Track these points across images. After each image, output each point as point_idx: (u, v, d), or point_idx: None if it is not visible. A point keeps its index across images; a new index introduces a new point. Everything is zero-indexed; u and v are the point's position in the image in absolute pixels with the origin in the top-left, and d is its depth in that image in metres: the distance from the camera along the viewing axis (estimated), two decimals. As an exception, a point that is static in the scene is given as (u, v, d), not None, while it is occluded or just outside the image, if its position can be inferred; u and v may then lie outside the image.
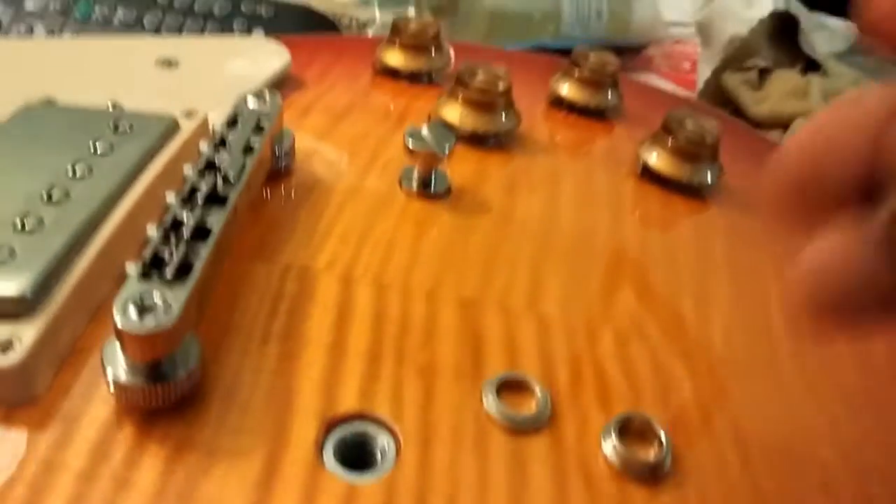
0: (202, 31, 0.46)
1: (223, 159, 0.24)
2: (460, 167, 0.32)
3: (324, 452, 0.20)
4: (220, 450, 0.19)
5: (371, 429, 0.20)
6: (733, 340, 0.26)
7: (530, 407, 0.22)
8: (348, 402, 0.21)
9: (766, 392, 0.24)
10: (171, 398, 0.19)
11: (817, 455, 0.22)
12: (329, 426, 0.20)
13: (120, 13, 0.46)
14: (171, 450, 0.19)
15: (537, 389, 0.22)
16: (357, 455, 0.20)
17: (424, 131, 0.29)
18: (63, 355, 0.20)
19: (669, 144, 0.33)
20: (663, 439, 0.21)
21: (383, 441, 0.20)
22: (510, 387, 0.22)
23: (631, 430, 0.21)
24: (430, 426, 0.21)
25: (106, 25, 0.45)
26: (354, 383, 0.21)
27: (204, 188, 0.23)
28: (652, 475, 0.21)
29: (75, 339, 0.21)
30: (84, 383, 0.20)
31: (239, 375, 0.21)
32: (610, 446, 0.21)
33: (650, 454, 0.21)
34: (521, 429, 0.21)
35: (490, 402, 0.21)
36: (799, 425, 0.23)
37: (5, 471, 0.18)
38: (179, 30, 0.46)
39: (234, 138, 0.26)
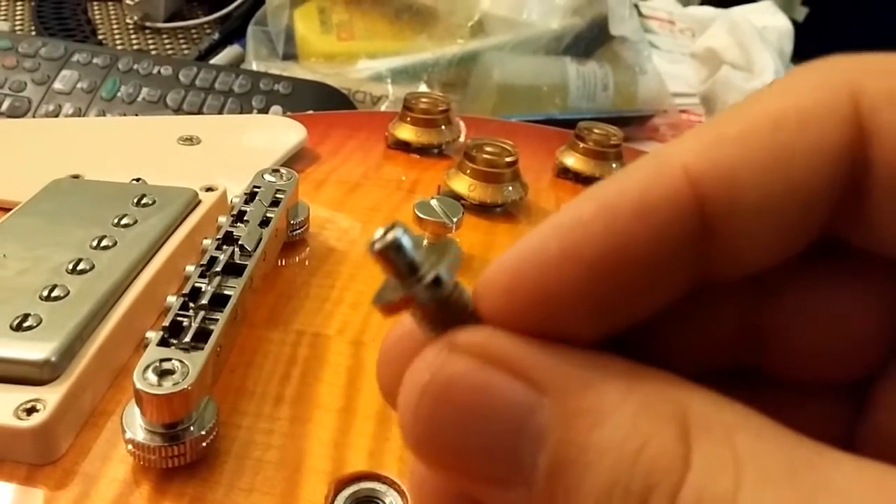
0: (222, 107, 0.48)
1: (241, 232, 0.26)
2: (469, 235, 0.33)
3: (333, 511, 0.20)
4: (233, 508, 0.20)
5: (379, 487, 0.21)
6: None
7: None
8: (357, 462, 0.22)
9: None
10: (186, 459, 0.20)
11: None
12: (338, 485, 0.21)
13: (144, 91, 0.48)
14: (186, 508, 0.19)
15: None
16: (366, 514, 0.21)
17: (433, 202, 0.31)
18: (84, 417, 0.21)
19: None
20: None
21: (391, 500, 0.21)
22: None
23: None
24: (437, 486, 0.21)
25: (131, 104, 0.47)
26: (363, 444, 0.22)
27: (222, 259, 0.24)
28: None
29: (96, 402, 0.22)
30: (103, 444, 0.21)
31: (252, 437, 0.22)
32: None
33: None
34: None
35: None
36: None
37: (27, 529, 0.18)
38: (201, 106, 0.48)
39: (252, 212, 0.27)
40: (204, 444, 0.20)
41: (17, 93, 0.47)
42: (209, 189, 0.30)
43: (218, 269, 0.23)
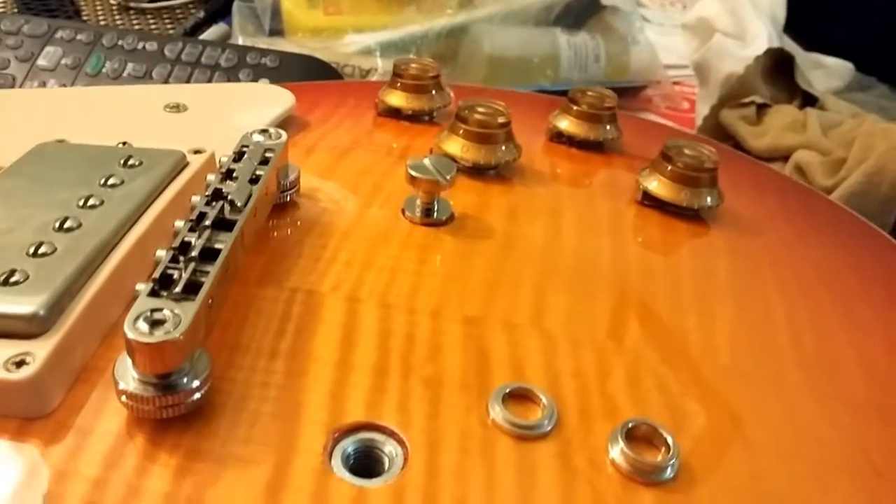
0: (209, 81, 0.48)
1: (230, 188, 0.25)
2: (462, 197, 0.33)
3: (332, 460, 0.20)
4: (230, 458, 0.19)
5: (378, 438, 0.21)
6: (739, 352, 0.26)
7: (536, 415, 0.22)
8: (355, 412, 0.21)
9: (774, 401, 0.24)
10: (181, 409, 0.19)
11: (821, 457, 0.22)
12: (336, 436, 0.20)
13: (130, 67, 0.47)
14: (182, 458, 0.19)
15: (543, 398, 0.22)
16: (365, 463, 0.20)
17: (426, 161, 0.30)
18: (75, 373, 0.21)
19: (669, 171, 0.34)
20: (671, 444, 0.21)
21: (391, 449, 0.20)
22: (516, 397, 0.22)
23: (638, 436, 0.22)
24: (438, 434, 0.21)
25: (116, 79, 0.47)
26: (361, 395, 0.22)
27: (212, 214, 0.24)
28: (661, 479, 0.21)
29: (87, 358, 0.21)
30: (96, 399, 0.20)
31: (247, 390, 0.21)
32: (618, 451, 0.21)
33: (658, 458, 0.21)
34: (528, 436, 0.21)
35: (497, 411, 0.22)
36: (805, 429, 0.23)
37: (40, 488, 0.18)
38: (187, 81, 0.47)
39: (241, 169, 0.26)
40: (198, 394, 0.20)
41: (0, 70, 0.47)
42: (197, 151, 0.29)
43: (207, 223, 0.23)
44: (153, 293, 0.20)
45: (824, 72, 0.73)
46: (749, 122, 0.57)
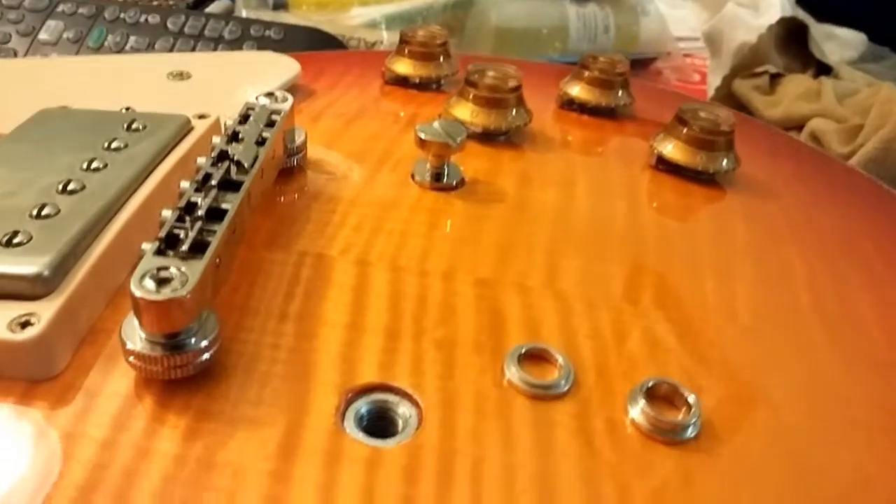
0: (214, 54, 0.47)
1: (236, 149, 0.24)
2: (472, 162, 0.32)
3: (345, 421, 0.19)
4: (240, 419, 0.19)
5: (392, 399, 0.20)
6: (760, 314, 0.26)
7: (553, 376, 0.21)
8: (368, 374, 0.21)
9: (797, 361, 0.24)
10: (189, 370, 0.19)
11: (848, 415, 0.22)
12: (349, 397, 0.20)
13: (132, 40, 0.47)
14: (191, 419, 0.19)
15: (560, 359, 0.22)
16: (378, 425, 0.20)
17: (436, 124, 0.29)
18: (81, 335, 0.20)
19: (684, 134, 0.33)
20: (692, 403, 0.21)
21: (404, 410, 0.20)
22: (532, 357, 0.22)
23: (658, 395, 0.21)
24: (452, 395, 0.20)
25: (118, 53, 0.46)
26: (373, 357, 0.21)
27: (217, 175, 0.23)
28: (682, 438, 0.20)
29: (94, 320, 0.21)
30: (104, 361, 0.20)
31: (258, 352, 0.21)
32: (638, 410, 0.20)
33: (679, 417, 0.20)
34: (544, 395, 0.21)
35: (512, 372, 0.21)
36: (829, 387, 0.23)
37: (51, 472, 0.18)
38: (191, 53, 0.47)
39: (247, 130, 0.26)
40: (207, 355, 0.19)
41: (1, 44, 0.46)
42: (202, 117, 0.29)
43: (213, 183, 0.22)
44: (159, 252, 0.20)
45: (837, 43, 0.72)
46: (762, 92, 0.56)
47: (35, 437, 0.18)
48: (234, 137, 0.25)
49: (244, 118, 0.27)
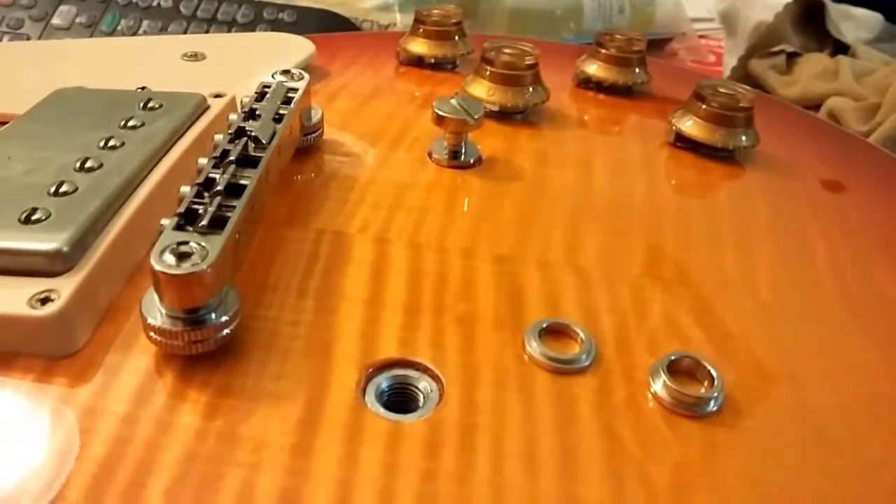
0: (227, 37, 0.47)
1: (254, 126, 0.24)
2: (489, 141, 0.32)
3: (366, 396, 0.19)
4: (262, 394, 0.19)
5: (412, 374, 0.20)
6: (782, 290, 0.25)
7: (574, 350, 0.21)
8: (388, 349, 0.21)
9: (819, 336, 0.24)
10: (210, 344, 0.19)
11: (872, 389, 0.22)
12: (370, 372, 0.20)
13: (145, 24, 0.46)
14: (212, 395, 0.18)
15: (581, 333, 0.21)
16: (399, 399, 0.20)
17: (453, 101, 0.29)
18: (101, 312, 0.20)
19: (703, 110, 0.33)
20: (715, 376, 0.20)
21: (425, 385, 0.20)
22: (552, 332, 0.22)
23: (680, 369, 0.21)
24: (473, 370, 0.20)
25: (131, 37, 0.46)
26: (393, 333, 0.21)
27: (235, 151, 0.23)
28: (705, 411, 0.20)
29: (113, 297, 0.21)
30: (124, 337, 0.20)
31: (278, 327, 0.21)
32: (660, 384, 0.20)
33: (702, 391, 0.20)
34: (566, 370, 0.20)
35: (533, 346, 0.21)
36: (853, 362, 0.22)
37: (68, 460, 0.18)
38: (205, 36, 0.47)
39: (264, 108, 0.26)
40: (227, 330, 0.19)
41: (14, 30, 0.46)
42: (217, 96, 0.29)
43: (231, 159, 0.22)
44: (179, 227, 0.19)
45: (853, 23, 0.71)
46: (779, 72, 0.55)
47: (55, 412, 0.18)
48: (251, 115, 0.25)
49: (261, 96, 0.27)
